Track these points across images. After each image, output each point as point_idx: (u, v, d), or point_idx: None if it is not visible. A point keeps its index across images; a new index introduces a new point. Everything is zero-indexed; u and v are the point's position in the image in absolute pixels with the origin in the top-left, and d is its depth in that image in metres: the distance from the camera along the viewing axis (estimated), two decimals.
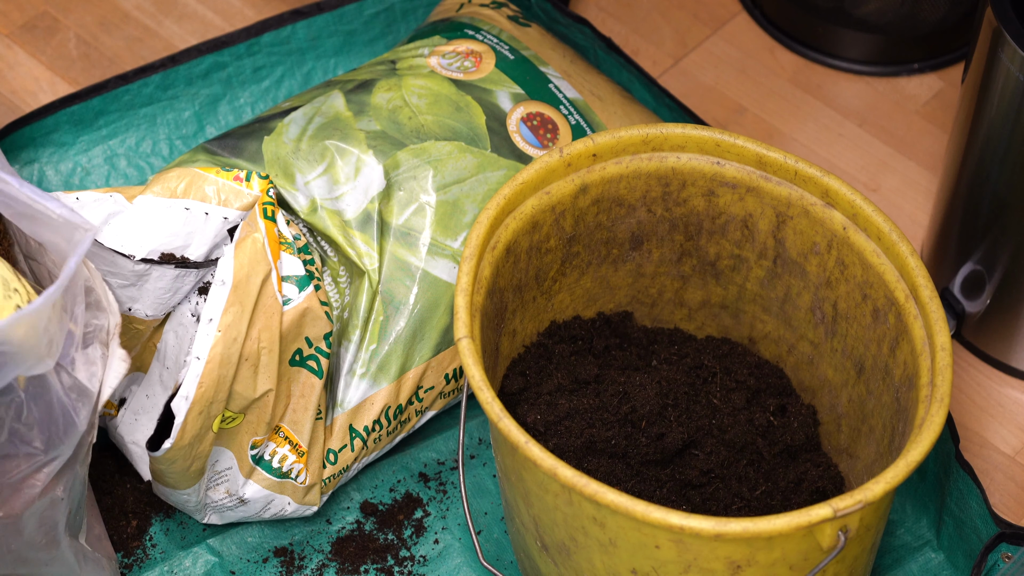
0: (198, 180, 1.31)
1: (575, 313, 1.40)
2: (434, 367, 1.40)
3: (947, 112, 1.70)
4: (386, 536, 1.42)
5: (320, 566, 1.41)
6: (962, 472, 1.37)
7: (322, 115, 1.41)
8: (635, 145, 1.32)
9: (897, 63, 1.73)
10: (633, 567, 1.19)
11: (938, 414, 1.17)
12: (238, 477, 1.36)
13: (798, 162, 1.30)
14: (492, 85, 1.45)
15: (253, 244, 1.28)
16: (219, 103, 1.63)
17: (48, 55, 1.70)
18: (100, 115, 1.60)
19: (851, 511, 1.12)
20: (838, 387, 1.36)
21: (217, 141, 1.42)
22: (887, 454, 1.27)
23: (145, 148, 1.62)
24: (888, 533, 1.43)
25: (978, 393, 1.53)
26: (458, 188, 1.39)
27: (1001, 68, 1.35)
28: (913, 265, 1.25)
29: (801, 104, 1.71)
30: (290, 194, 1.38)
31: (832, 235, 1.30)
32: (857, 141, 1.69)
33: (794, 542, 1.15)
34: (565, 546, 1.22)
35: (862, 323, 1.30)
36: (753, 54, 1.75)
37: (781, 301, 1.37)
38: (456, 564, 1.41)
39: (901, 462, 1.15)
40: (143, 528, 1.42)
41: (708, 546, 1.14)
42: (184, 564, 1.41)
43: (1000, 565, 1.36)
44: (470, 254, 1.25)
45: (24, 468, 1.20)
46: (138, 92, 1.60)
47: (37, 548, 1.25)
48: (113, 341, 1.20)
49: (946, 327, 1.21)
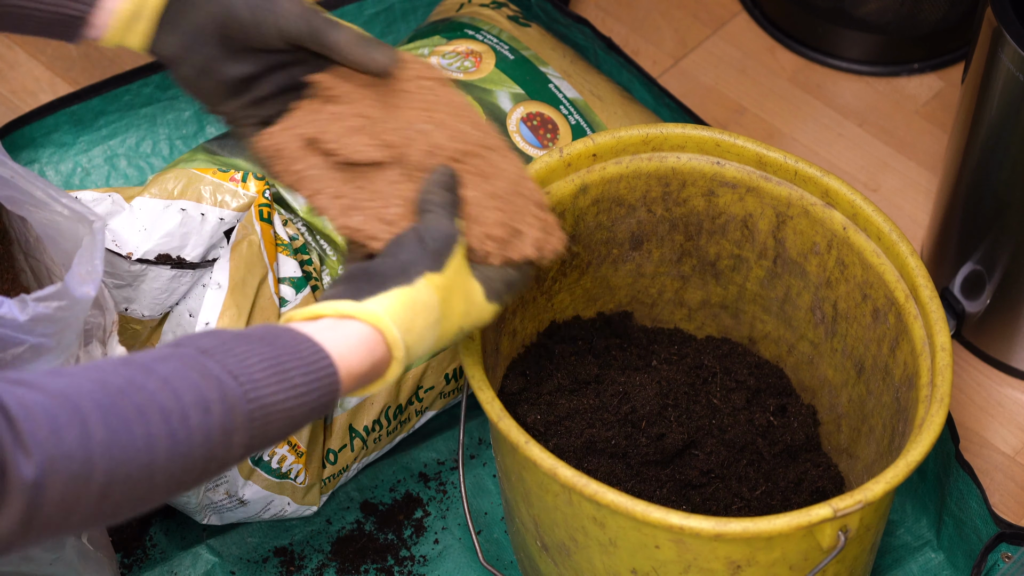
0: (195, 181, 1.31)
1: (575, 313, 1.40)
2: (434, 367, 1.40)
3: (947, 112, 1.70)
4: (386, 536, 1.42)
5: (320, 566, 1.41)
6: (962, 472, 1.37)
7: None
8: (635, 145, 1.32)
9: (897, 63, 1.73)
10: (633, 567, 1.19)
11: (938, 414, 1.17)
12: (237, 478, 1.36)
13: (798, 162, 1.30)
14: (492, 85, 1.45)
15: (249, 247, 1.28)
16: None
17: (48, 55, 1.70)
18: (100, 115, 1.60)
19: (851, 511, 1.12)
20: (838, 387, 1.36)
21: (217, 141, 1.42)
22: (887, 454, 1.27)
23: (145, 148, 1.62)
24: (888, 533, 1.43)
25: (978, 393, 1.53)
26: None
27: (1001, 68, 1.35)
28: (913, 265, 1.25)
29: (801, 104, 1.71)
30: (289, 193, 1.38)
31: (832, 235, 1.30)
32: (857, 141, 1.69)
33: (794, 542, 1.15)
34: (565, 546, 1.22)
35: (862, 323, 1.30)
36: (753, 54, 1.75)
37: (781, 301, 1.37)
38: (456, 564, 1.41)
39: (901, 462, 1.15)
40: (143, 528, 1.42)
41: (708, 546, 1.14)
42: (184, 564, 1.41)
43: (1000, 565, 1.36)
44: None
45: None
46: (138, 92, 1.60)
47: (43, 548, 1.25)
48: (112, 339, 1.20)
49: (946, 327, 1.21)
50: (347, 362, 0.99)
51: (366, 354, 1.01)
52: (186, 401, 0.90)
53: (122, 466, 0.87)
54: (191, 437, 0.90)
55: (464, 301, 1.09)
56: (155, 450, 0.89)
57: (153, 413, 0.89)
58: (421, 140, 1.14)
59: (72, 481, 0.86)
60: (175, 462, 0.90)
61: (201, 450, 0.91)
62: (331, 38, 1.10)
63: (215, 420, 0.91)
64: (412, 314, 1.04)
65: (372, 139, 1.14)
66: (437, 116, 1.16)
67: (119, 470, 0.87)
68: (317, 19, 1.10)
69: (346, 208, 1.13)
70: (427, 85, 1.16)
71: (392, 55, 1.12)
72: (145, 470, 0.88)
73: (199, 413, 0.90)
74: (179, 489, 0.92)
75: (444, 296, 1.07)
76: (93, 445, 0.86)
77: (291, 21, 1.08)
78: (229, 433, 0.92)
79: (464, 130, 1.16)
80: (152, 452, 0.88)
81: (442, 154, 1.14)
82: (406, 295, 1.04)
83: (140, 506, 0.91)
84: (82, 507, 0.87)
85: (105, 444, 0.86)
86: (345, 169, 1.14)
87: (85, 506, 0.87)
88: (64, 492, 0.86)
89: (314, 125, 1.13)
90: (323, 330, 1.00)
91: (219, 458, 0.92)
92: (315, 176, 1.14)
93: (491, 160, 1.16)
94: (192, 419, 0.90)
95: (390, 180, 1.14)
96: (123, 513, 0.90)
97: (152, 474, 0.89)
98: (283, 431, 0.96)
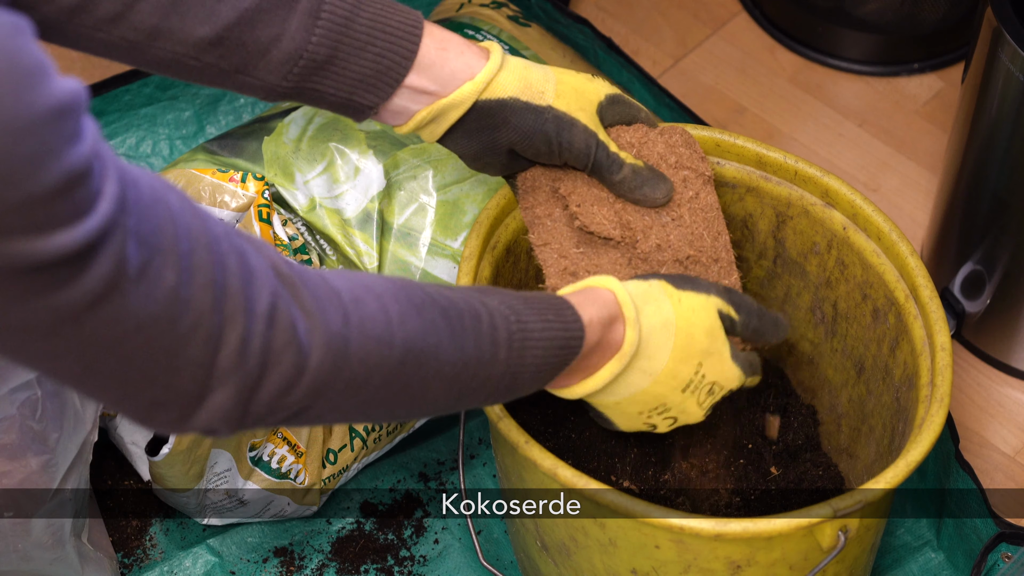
0: (194, 181, 1.31)
1: None
2: None
3: (947, 112, 1.70)
4: (386, 536, 1.42)
5: (320, 566, 1.41)
6: (962, 472, 1.37)
7: (322, 115, 1.41)
8: None
9: (897, 63, 1.73)
10: (633, 567, 1.19)
11: (938, 414, 1.17)
12: (237, 479, 1.36)
13: (798, 162, 1.30)
14: None
15: None
16: (219, 103, 1.63)
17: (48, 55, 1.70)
18: (100, 115, 1.60)
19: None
20: (838, 387, 1.36)
21: (217, 141, 1.42)
22: (887, 454, 1.27)
23: (145, 148, 1.62)
24: (888, 533, 1.43)
25: (978, 393, 1.53)
26: (458, 188, 1.39)
27: (1001, 68, 1.35)
28: (913, 265, 1.25)
29: (801, 104, 1.71)
30: (289, 192, 1.38)
31: (832, 235, 1.30)
32: (857, 141, 1.68)
33: (794, 542, 1.15)
34: (565, 546, 1.22)
35: (862, 323, 1.30)
36: (753, 54, 1.75)
37: (781, 301, 1.37)
38: (456, 564, 1.41)
39: (901, 462, 1.14)
40: (143, 528, 1.42)
41: (708, 546, 1.14)
42: (184, 564, 1.41)
43: (1000, 565, 1.36)
44: (470, 254, 1.25)
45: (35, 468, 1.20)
46: (138, 92, 1.60)
47: (44, 548, 1.25)
48: None
49: (946, 327, 1.21)
50: (586, 311, 1.06)
51: (601, 306, 1.08)
52: (461, 307, 0.99)
53: (415, 340, 0.95)
54: (465, 335, 0.99)
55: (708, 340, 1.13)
56: (440, 335, 0.97)
57: (435, 307, 0.98)
58: (656, 232, 1.20)
59: (375, 343, 0.93)
60: (454, 354, 0.98)
61: (473, 351, 0.99)
62: (611, 179, 1.20)
63: (485, 328, 1.00)
64: (646, 298, 1.11)
65: (614, 215, 1.20)
66: (681, 212, 1.21)
67: (413, 343, 0.95)
68: (600, 154, 1.19)
69: (564, 271, 1.20)
70: (687, 177, 1.22)
71: (667, 191, 1.21)
72: (432, 351, 0.97)
73: (472, 319, 1.00)
74: (451, 390, 1.00)
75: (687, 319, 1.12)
76: (392, 315, 0.94)
77: (579, 159, 1.19)
78: (496, 345, 1.01)
79: (700, 235, 1.21)
80: (438, 336, 0.97)
81: (670, 252, 1.20)
82: (644, 284, 1.12)
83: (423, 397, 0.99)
84: (383, 372, 0.94)
85: (400, 317, 0.95)
86: (578, 233, 1.21)
87: (385, 371, 0.94)
88: (367, 350, 0.92)
89: (569, 183, 1.21)
90: (575, 294, 1.09)
91: (486, 365, 1.01)
92: (550, 228, 1.22)
93: (711, 272, 1.21)
94: (467, 321, 0.99)
95: (613, 259, 1.21)
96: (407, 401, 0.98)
97: (438, 356, 0.97)
98: (534, 364, 1.03)
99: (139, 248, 0.81)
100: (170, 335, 0.83)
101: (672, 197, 1.21)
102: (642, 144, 1.22)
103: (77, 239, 0.78)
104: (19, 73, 0.76)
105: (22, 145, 0.76)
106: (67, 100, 0.78)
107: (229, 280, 0.85)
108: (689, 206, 1.22)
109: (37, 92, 0.76)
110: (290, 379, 0.89)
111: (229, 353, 0.86)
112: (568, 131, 1.17)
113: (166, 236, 0.83)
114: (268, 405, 0.89)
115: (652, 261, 1.20)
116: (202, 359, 0.85)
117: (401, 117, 1.16)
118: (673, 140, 1.23)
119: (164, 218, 0.83)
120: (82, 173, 0.78)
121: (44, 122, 0.76)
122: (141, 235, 0.81)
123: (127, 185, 0.81)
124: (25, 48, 0.76)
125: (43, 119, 0.76)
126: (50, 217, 0.77)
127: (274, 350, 0.87)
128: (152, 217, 0.82)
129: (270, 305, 0.87)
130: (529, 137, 1.17)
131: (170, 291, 0.82)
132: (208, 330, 0.84)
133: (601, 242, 1.21)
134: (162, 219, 0.83)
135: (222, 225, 0.87)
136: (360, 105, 1.13)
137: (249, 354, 0.86)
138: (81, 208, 0.78)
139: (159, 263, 0.82)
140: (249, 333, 0.86)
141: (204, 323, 0.84)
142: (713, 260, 1.22)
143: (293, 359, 0.88)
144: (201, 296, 0.84)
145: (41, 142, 0.76)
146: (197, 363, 0.85)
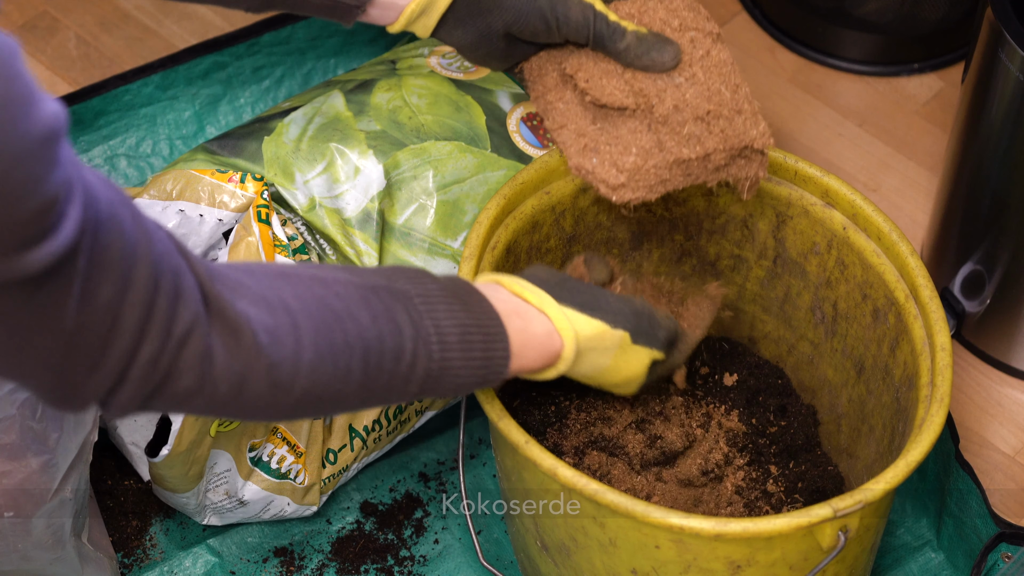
0: (193, 182, 1.31)
1: None
2: None
3: (947, 112, 1.70)
4: (386, 536, 1.42)
5: (320, 566, 1.40)
6: (962, 472, 1.37)
7: (322, 115, 1.41)
8: None
9: (897, 63, 1.73)
10: (633, 567, 1.19)
11: (938, 414, 1.17)
12: (237, 479, 1.36)
13: (798, 162, 1.30)
14: (492, 85, 1.45)
15: (247, 248, 1.28)
16: (219, 103, 1.63)
17: (48, 55, 1.70)
18: (100, 115, 1.60)
19: (851, 511, 1.12)
20: (838, 387, 1.36)
21: (217, 141, 1.42)
22: (887, 454, 1.27)
23: (145, 148, 1.62)
24: (888, 533, 1.43)
25: (978, 393, 1.53)
26: (458, 188, 1.39)
27: (1001, 68, 1.35)
28: (913, 265, 1.25)
29: (801, 104, 1.71)
30: (289, 192, 1.38)
31: (832, 235, 1.30)
32: (857, 141, 1.68)
33: (794, 542, 1.15)
34: (565, 546, 1.22)
35: (862, 323, 1.30)
36: (753, 54, 1.75)
37: (781, 301, 1.37)
38: (456, 564, 1.41)
39: (901, 462, 1.14)
40: (143, 528, 1.42)
41: (708, 546, 1.14)
42: (184, 564, 1.41)
43: (1000, 565, 1.36)
44: (470, 254, 1.25)
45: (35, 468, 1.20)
46: (138, 92, 1.60)
47: (44, 548, 1.25)
48: None
49: (946, 327, 1.21)
50: (520, 359, 1.07)
51: (539, 357, 1.08)
52: (387, 346, 1.00)
53: (317, 389, 0.97)
54: (380, 376, 1.00)
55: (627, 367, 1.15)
56: (350, 381, 0.99)
57: (356, 352, 0.99)
58: (671, 94, 1.17)
59: (272, 387, 0.95)
60: (358, 395, 1.00)
61: (382, 390, 1.01)
62: (615, 48, 1.18)
63: (403, 369, 1.01)
64: (591, 346, 1.11)
65: (624, 84, 1.18)
66: (694, 71, 1.18)
67: (314, 391, 0.97)
68: (600, 24, 1.18)
69: (585, 148, 1.19)
70: (694, 38, 1.20)
71: (675, 53, 1.19)
72: (334, 395, 0.99)
73: (392, 361, 1.00)
74: (347, 411, 1.04)
75: (620, 358, 1.13)
76: (302, 364, 0.96)
77: (578, 32, 1.17)
78: (408, 382, 1.02)
79: (718, 90, 1.18)
80: (346, 383, 0.99)
81: (689, 111, 1.17)
82: (600, 328, 1.11)
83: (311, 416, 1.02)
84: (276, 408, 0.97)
85: (311, 367, 0.97)
86: (593, 109, 1.19)
87: (279, 408, 0.97)
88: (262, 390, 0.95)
89: (574, 61, 1.19)
90: (513, 315, 1.07)
91: (394, 394, 1.02)
92: (563, 110, 1.20)
93: (735, 124, 1.19)
94: (387, 363, 1.00)
95: (632, 128, 1.18)
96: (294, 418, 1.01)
97: (339, 399, 0.99)
98: (447, 392, 1.05)
99: (87, 264, 0.84)
100: (95, 343, 0.87)
101: (681, 59, 1.19)
102: (642, 13, 1.21)
103: (42, 259, 0.81)
104: (17, 101, 0.77)
105: (17, 171, 0.77)
106: (53, 126, 0.80)
107: (159, 300, 0.89)
108: (701, 64, 1.19)
109: (31, 120, 0.78)
110: (187, 394, 0.93)
111: (141, 365, 0.90)
112: (563, 4, 1.17)
113: (113, 253, 0.86)
114: (160, 408, 0.94)
115: (672, 123, 1.18)
116: (117, 367, 0.89)
117: (391, 13, 1.15)
118: (674, 4, 1.21)
119: (115, 235, 0.86)
120: (56, 198, 0.80)
121: (35, 149, 0.78)
122: (92, 252, 0.84)
123: (87, 205, 0.83)
124: (21, 74, 0.77)
125: (35, 146, 0.78)
126: (24, 239, 0.80)
127: (179, 368, 0.91)
128: (105, 234, 0.85)
129: (186, 330, 0.91)
130: (524, 16, 1.16)
131: (104, 305, 0.86)
132: (129, 343, 0.88)
133: (617, 113, 1.19)
134: (113, 236, 0.86)
135: (166, 241, 0.90)
136: (346, 5, 1.13)
137: (156, 369, 0.90)
138: (47, 230, 0.81)
139: (100, 278, 0.85)
140: (160, 352, 0.90)
141: (127, 337, 0.88)
142: (736, 112, 1.19)
143: (194, 381, 0.92)
144: (130, 313, 0.87)
145: (31, 169, 0.78)
146: (111, 370, 0.89)
